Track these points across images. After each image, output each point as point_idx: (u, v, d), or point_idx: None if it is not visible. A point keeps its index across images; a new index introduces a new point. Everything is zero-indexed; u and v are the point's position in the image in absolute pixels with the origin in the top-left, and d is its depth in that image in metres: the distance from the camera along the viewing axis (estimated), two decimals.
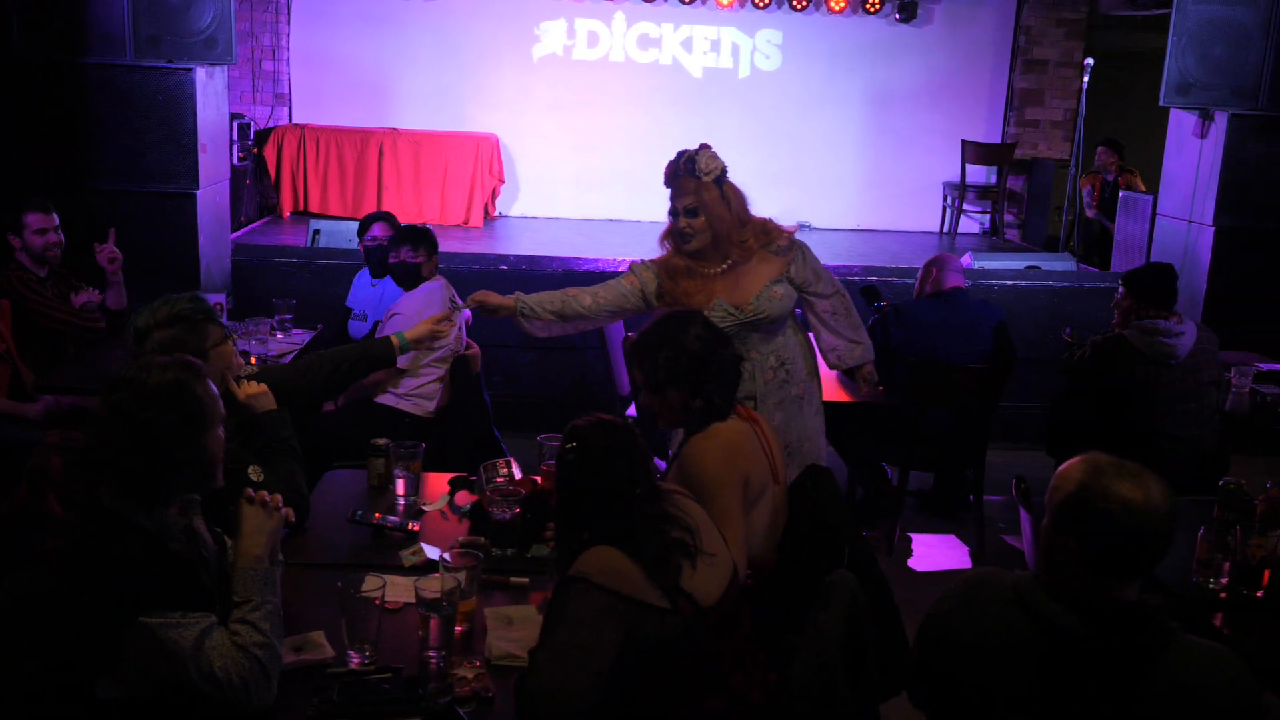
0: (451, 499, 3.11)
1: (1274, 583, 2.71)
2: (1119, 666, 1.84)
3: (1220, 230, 6.35)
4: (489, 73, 9.34)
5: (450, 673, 2.18)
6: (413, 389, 4.41)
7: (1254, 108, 6.26)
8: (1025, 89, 9.71)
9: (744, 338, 3.55)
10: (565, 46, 9.43)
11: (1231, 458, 4.45)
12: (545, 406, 6.12)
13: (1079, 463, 1.92)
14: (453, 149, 8.80)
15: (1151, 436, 4.29)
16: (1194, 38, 6.36)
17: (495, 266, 6.30)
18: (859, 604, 2.29)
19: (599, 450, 2.22)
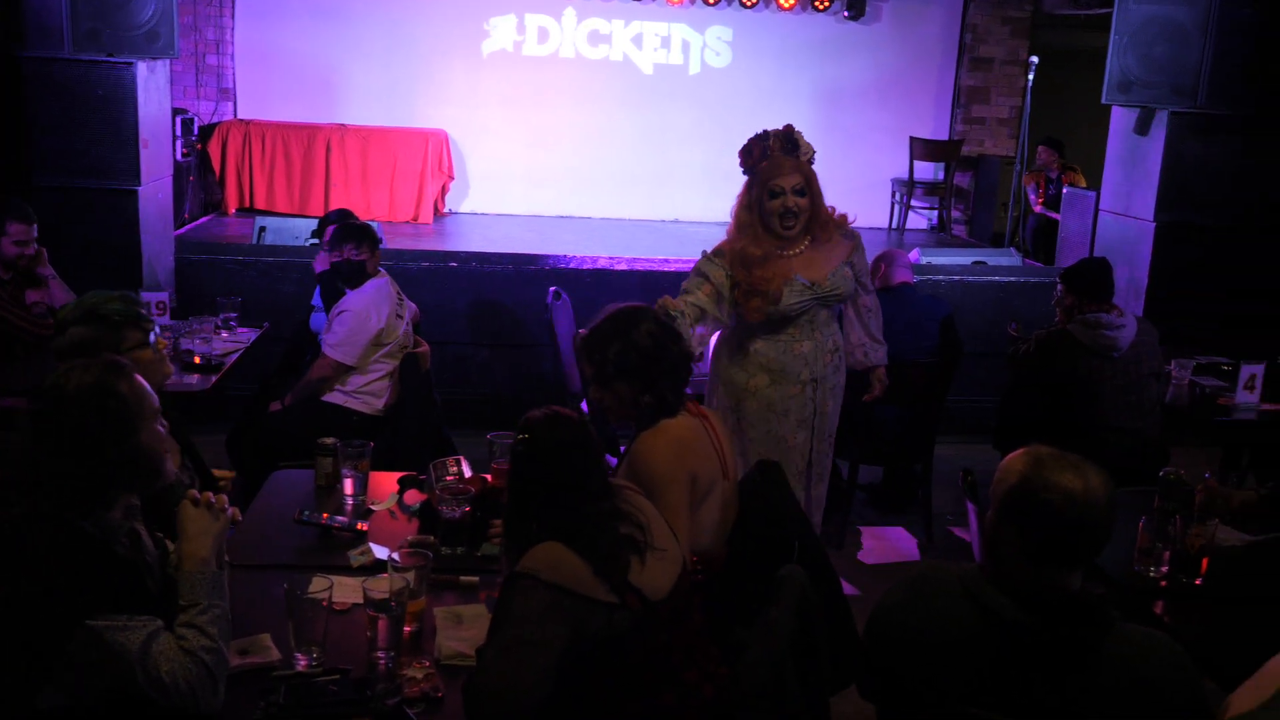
0: (400, 498, 3.09)
1: (1212, 571, 2.76)
2: (1063, 656, 1.87)
3: (1161, 226, 6.46)
4: (438, 68, 9.27)
5: (399, 673, 2.16)
6: (361, 386, 4.37)
7: (1193, 106, 6.37)
8: (971, 86, 9.81)
9: (813, 315, 3.73)
10: (515, 42, 9.39)
11: (1171, 448, 4.53)
12: (496, 404, 6.10)
13: (1021, 455, 1.95)
14: (402, 145, 8.73)
15: (1094, 428, 4.35)
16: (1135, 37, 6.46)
17: (445, 264, 6.26)
18: (809, 598, 2.30)
19: (550, 443, 2.22)
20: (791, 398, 3.74)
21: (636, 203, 9.49)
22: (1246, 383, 4.51)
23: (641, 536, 2.18)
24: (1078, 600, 1.90)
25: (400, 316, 4.41)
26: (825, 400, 3.81)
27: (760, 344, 3.73)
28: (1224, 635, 2.55)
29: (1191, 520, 2.80)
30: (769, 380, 3.73)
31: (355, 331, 4.30)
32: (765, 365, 3.73)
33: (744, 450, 3.74)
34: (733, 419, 3.77)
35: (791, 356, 3.73)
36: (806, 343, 3.74)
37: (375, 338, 4.32)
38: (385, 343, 4.34)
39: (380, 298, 4.35)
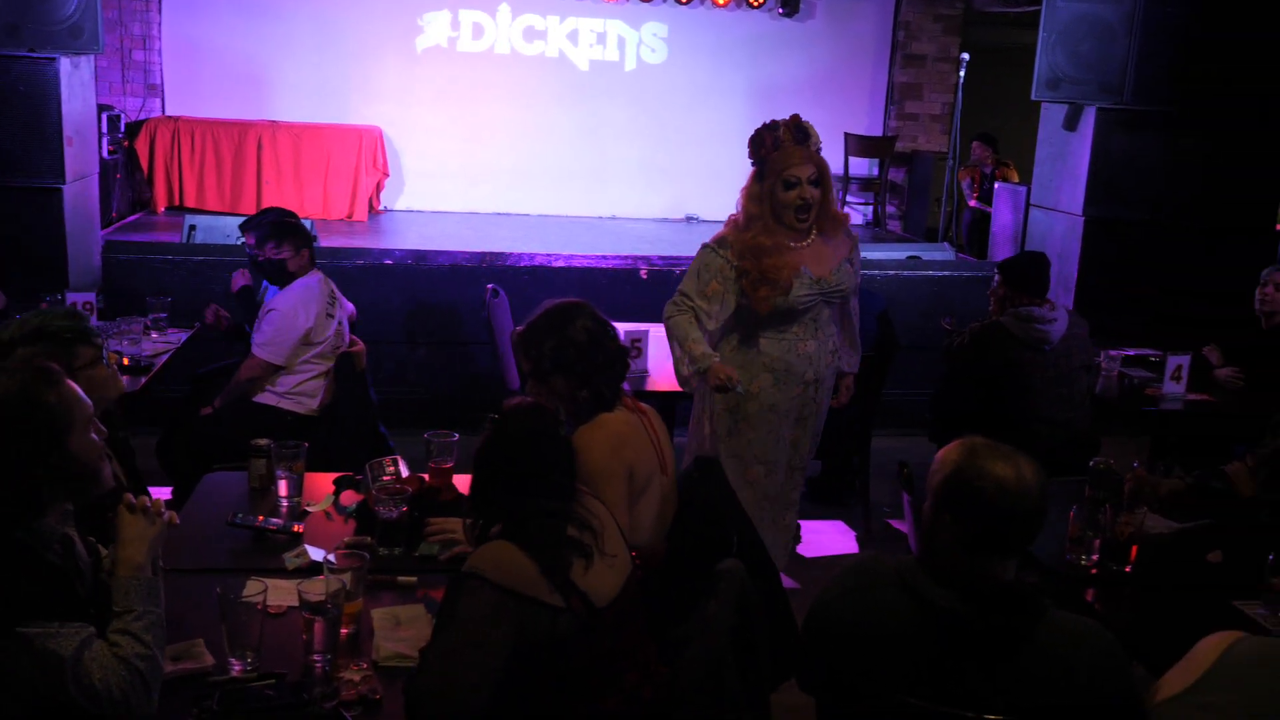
0: (336, 499, 3.05)
1: (1141, 558, 2.82)
2: (997, 645, 1.89)
3: (1089, 220, 6.59)
4: (371, 64, 9.17)
5: (336, 676, 2.14)
6: (294, 387, 4.31)
7: (1119, 102, 6.50)
8: (905, 83, 9.92)
9: (817, 313, 3.70)
10: (450, 38, 9.31)
11: (1101, 439, 4.62)
12: (433, 403, 6.06)
13: (957, 445, 1.98)
14: (335, 142, 8.62)
15: (1027, 420, 4.42)
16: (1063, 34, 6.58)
17: (380, 261, 6.20)
18: (748, 592, 2.31)
19: (518, 430, 2.21)
20: (794, 398, 3.71)
21: (574, 199, 9.47)
22: (1173, 373, 4.61)
23: (591, 541, 2.17)
24: (1011, 589, 1.93)
25: (331, 315, 4.35)
26: (821, 399, 3.81)
27: (765, 343, 3.68)
28: (1153, 621, 2.60)
29: (1121, 509, 2.85)
30: (773, 381, 3.68)
31: (283, 331, 4.24)
32: (769, 365, 3.68)
33: (740, 452, 3.72)
34: (728, 420, 3.73)
35: (796, 356, 3.69)
36: (811, 342, 3.70)
37: (304, 337, 4.27)
38: (315, 342, 4.28)
39: (309, 296, 4.30)
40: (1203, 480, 3.23)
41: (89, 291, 5.06)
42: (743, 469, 3.73)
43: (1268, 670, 1.73)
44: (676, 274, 6.59)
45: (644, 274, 6.55)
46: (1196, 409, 4.64)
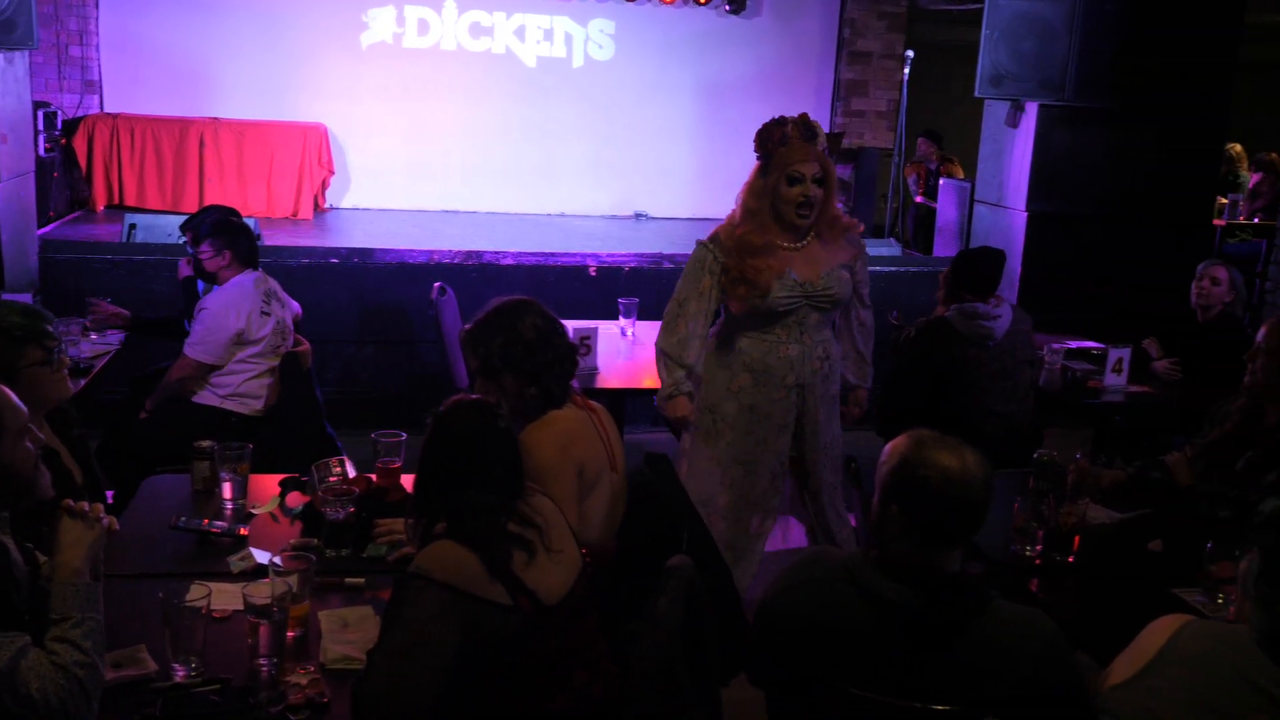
0: (282, 501, 3.01)
1: (1084, 548, 2.86)
2: (943, 635, 1.91)
3: (1033, 216, 6.68)
4: (315, 61, 9.07)
5: (282, 680, 2.11)
6: (235, 388, 4.25)
7: (1061, 99, 6.59)
8: (850, 80, 9.99)
9: (802, 318, 3.59)
10: (395, 34, 9.24)
11: (1044, 431, 4.68)
12: (380, 402, 6.01)
13: (904, 438, 2.01)
14: (278, 139, 8.52)
15: (972, 414, 4.47)
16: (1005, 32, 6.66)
17: (326, 260, 6.13)
18: (698, 588, 2.32)
19: (455, 427, 2.20)
20: (775, 401, 3.63)
21: (522, 196, 9.44)
22: (1114, 366, 4.68)
23: (535, 537, 2.16)
24: (957, 580, 1.95)
25: (267, 314, 4.29)
26: (815, 408, 3.67)
27: (746, 342, 3.63)
28: (1095, 610, 2.64)
29: (1064, 500, 2.89)
30: (753, 381, 3.62)
31: (213, 330, 4.19)
32: (749, 365, 3.62)
33: (718, 455, 3.67)
34: (708, 421, 3.67)
35: (777, 358, 3.61)
36: (794, 346, 3.61)
37: (235, 336, 4.21)
38: (249, 341, 4.23)
39: (240, 295, 4.25)
40: (1143, 471, 3.28)
41: (25, 293, 4.96)
42: (722, 472, 3.68)
43: (1212, 653, 1.77)
44: (625, 271, 6.59)
45: (593, 271, 6.54)
46: (1137, 400, 4.72)
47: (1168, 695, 1.75)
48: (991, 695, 1.88)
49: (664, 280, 6.63)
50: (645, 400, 5.94)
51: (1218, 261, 5.01)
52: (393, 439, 2.98)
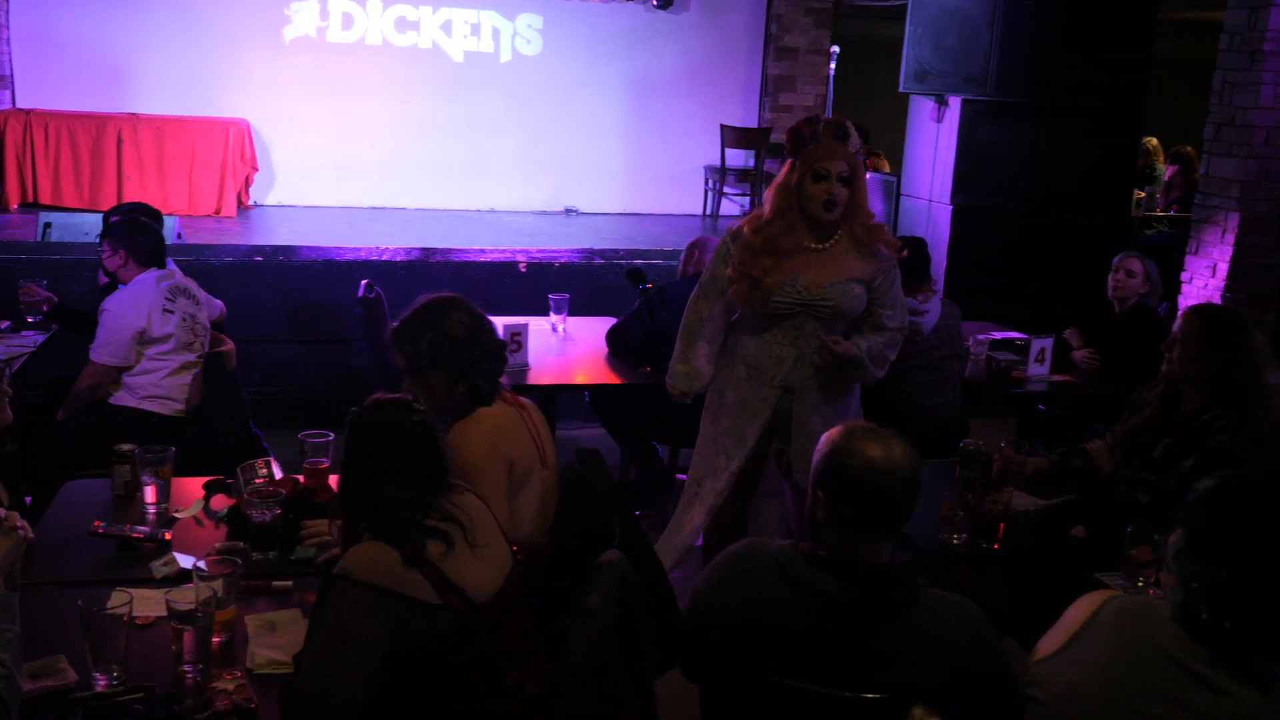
0: (207, 504, 2.96)
1: (1009, 535, 2.92)
2: (873, 625, 1.94)
3: (957, 209, 6.79)
4: (237, 55, 8.89)
5: (209, 686, 2.07)
6: (150, 389, 4.16)
7: (983, 94, 6.71)
8: (778, 75, 10.05)
9: (799, 323, 3.51)
10: (319, 28, 9.09)
11: (971, 421, 4.76)
12: (309, 402, 5.92)
13: (838, 429, 2.04)
14: (200, 135, 8.33)
15: (902, 406, 4.53)
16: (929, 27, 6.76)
17: (250, 258, 6.03)
18: (630, 583, 2.32)
19: (368, 425, 2.18)
20: (763, 399, 3.60)
21: (451, 193, 9.35)
22: (1037, 356, 4.77)
23: (455, 532, 2.15)
24: (886, 571, 1.98)
25: (170, 311, 4.20)
26: (807, 416, 3.55)
27: (746, 336, 3.62)
28: (1020, 595, 2.70)
29: (989, 488, 2.95)
30: (747, 374, 3.62)
31: (114, 331, 4.12)
32: (745, 359, 3.62)
33: (715, 442, 3.69)
34: (716, 404, 3.70)
35: (769, 359, 3.57)
36: (788, 349, 3.54)
37: (137, 336, 4.13)
38: (153, 340, 4.15)
39: (140, 294, 4.17)
40: (1065, 459, 3.35)
41: None
42: (714, 457, 3.71)
43: (1130, 625, 1.81)
44: (556, 267, 6.58)
45: (523, 267, 6.52)
46: (1059, 390, 4.82)
47: (1090, 665, 1.80)
48: (921, 683, 1.90)
49: (595, 276, 6.64)
50: (577, 396, 5.94)
51: (1133, 254, 5.13)
52: (320, 439, 2.94)
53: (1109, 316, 5.07)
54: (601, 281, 6.57)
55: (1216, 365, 3.11)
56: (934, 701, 1.86)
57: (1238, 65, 6.63)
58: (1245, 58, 6.57)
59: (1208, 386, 3.14)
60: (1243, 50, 6.59)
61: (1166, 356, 3.23)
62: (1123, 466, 3.28)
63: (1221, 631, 1.68)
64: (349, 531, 2.17)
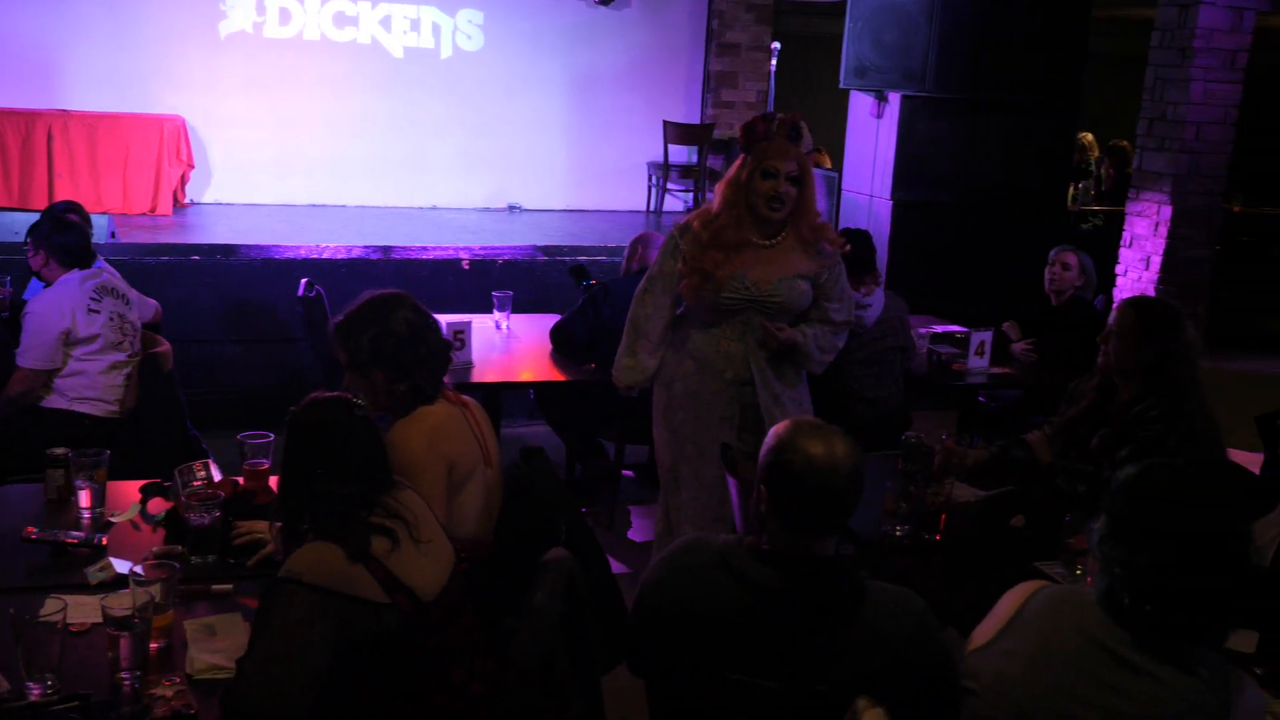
0: (143, 508, 2.90)
1: (950, 526, 2.95)
2: (817, 618, 1.95)
3: (898, 204, 6.86)
4: (171, 50, 8.74)
5: (147, 693, 2.04)
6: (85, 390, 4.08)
7: (921, 89, 6.78)
8: (720, 71, 10.08)
9: (747, 318, 3.53)
10: (255, 23, 8.97)
11: (912, 414, 4.81)
12: (249, 402, 5.84)
13: (783, 424, 2.05)
14: (134, 132, 8.18)
15: (846, 399, 4.57)
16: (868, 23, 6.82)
17: (187, 257, 5.94)
18: (576, 581, 2.31)
19: (306, 423, 2.15)
20: (715, 393, 3.60)
21: (392, 190, 9.27)
22: (977, 349, 4.84)
23: (400, 528, 2.13)
24: (829, 564, 1.99)
25: (95, 311, 4.13)
26: (772, 408, 3.55)
27: (694, 331, 3.64)
28: (962, 585, 2.73)
29: (931, 480, 2.98)
30: (695, 369, 3.63)
31: (38, 333, 4.04)
32: (693, 353, 3.63)
33: (674, 432, 3.70)
34: (665, 397, 3.71)
35: (717, 353, 3.58)
36: (736, 344, 3.56)
37: (62, 336, 4.06)
38: (79, 340, 4.07)
39: (63, 294, 4.09)
40: (1005, 450, 3.39)
41: None
42: (679, 445, 3.71)
43: (1058, 612, 1.86)
44: (499, 264, 6.55)
45: (466, 265, 6.48)
46: (999, 382, 4.89)
47: (1020, 655, 1.83)
48: (864, 675, 1.92)
49: (539, 273, 6.61)
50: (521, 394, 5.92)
51: (1068, 248, 5.22)
52: (260, 440, 2.90)
53: (1046, 309, 5.15)
54: (546, 278, 6.55)
55: (1150, 357, 3.17)
56: (877, 693, 1.88)
57: (1169, 62, 6.77)
58: (1176, 54, 6.71)
59: (1142, 378, 3.20)
60: (1173, 47, 6.73)
61: (1102, 349, 3.29)
62: (1061, 457, 3.33)
63: (1143, 616, 1.73)
64: (290, 532, 2.14)
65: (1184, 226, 6.82)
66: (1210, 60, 6.62)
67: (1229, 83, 6.69)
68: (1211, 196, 6.87)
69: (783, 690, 1.92)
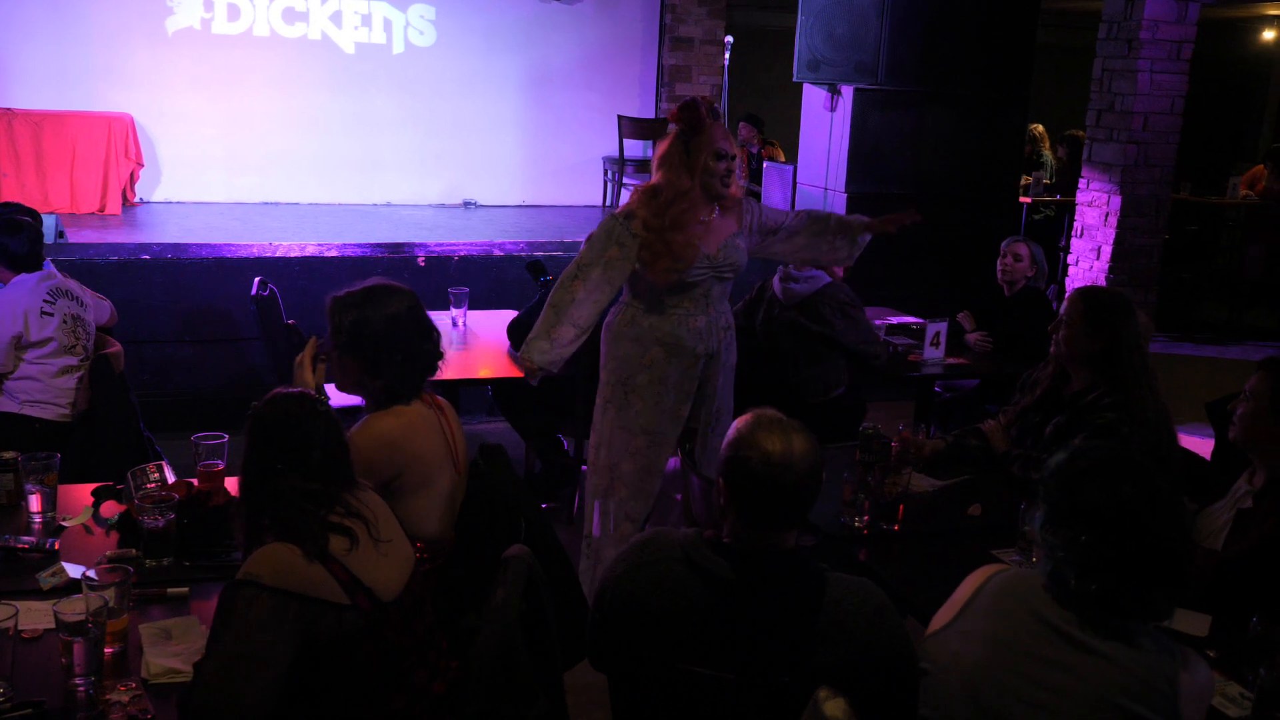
0: (96, 511, 2.86)
1: (908, 516, 2.98)
2: (778, 611, 1.96)
3: (852, 196, 6.89)
4: (118, 48, 8.60)
5: (102, 699, 2.01)
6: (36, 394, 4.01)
7: (874, 82, 6.82)
8: (674, 65, 10.09)
9: (708, 289, 3.68)
10: (203, 20, 8.85)
11: (869, 404, 4.85)
12: (203, 403, 5.77)
13: (745, 418, 2.05)
14: (81, 130, 8.05)
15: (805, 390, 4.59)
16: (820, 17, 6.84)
17: (137, 257, 5.85)
18: (536, 577, 2.31)
19: (266, 418, 2.12)
20: (684, 371, 3.70)
21: (345, 187, 9.20)
22: (932, 340, 4.87)
23: (359, 527, 2.11)
24: (789, 557, 2.00)
25: (49, 314, 4.07)
26: (715, 374, 3.78)
27: (655, 317, 3.67)
28: (921, 574, 2.75)
29: (889, 471, 3.00)
30: (664, 354, 3.67)
31: None
32: (661, 339, 3.67)
33: (627, 424, 3.71)
34: (620, 393, 3.71)
35: (687, 330, 3.67)
36: (701, 318, 3.69)
37: (14, 340, 3.99)
38: (32, 344, 4.00)
39: (16, 297, 4.02)
40: (961, 439, 3.43)
41: None
42: (629, 440, 3.74)
43: (1011, 595, 1.90)
44: (455, 260, 6.51)
45: (421, 261, 6.44)
46: (954, 372, 4.93)
47: (976, 637, 1.88)
48: (826, 665, 1.93)
49: (495, 269, 6.59)
50: (480, 390, 5.90)
51: (1020, 239, 5.28)
52: (214, 441, 2.86)
53: (999, 300, 5.21)
54: (502, 275, 6.53)
55: (1100, 346, 3.21)
56: (839, 683, 1.89)
57: (1116, 53, 6.86)
58: (1123, 45, 6.80)
59: (1093, 366, 3.24)
60: (1120, 38, 6.82)
61: (1054, 338, 3.33)
62: (1015, 445, 3.37)
63: (1088, 595, 1.80)
64: (251, 531, 2.11)
65: (1133, 216, 6.92)
66: (1156, 51, 6.72)
67: (1175, 73, 6.79)
68: (1159, 186, 6.97)
69: (744, 682, 1.93)
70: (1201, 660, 1.87)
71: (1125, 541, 1.77)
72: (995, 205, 7.33)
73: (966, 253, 6.99)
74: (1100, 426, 3.11)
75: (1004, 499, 3.08)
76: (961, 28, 6.97)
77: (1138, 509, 1.78)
